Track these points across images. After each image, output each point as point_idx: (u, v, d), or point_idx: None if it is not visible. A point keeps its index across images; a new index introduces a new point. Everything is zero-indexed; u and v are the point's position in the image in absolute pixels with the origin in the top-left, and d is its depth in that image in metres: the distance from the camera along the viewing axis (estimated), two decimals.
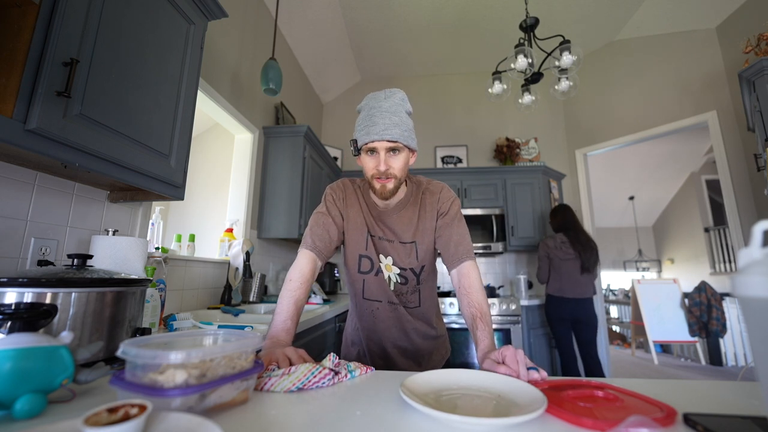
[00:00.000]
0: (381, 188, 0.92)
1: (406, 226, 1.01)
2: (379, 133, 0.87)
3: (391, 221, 1.01)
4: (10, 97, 0.76)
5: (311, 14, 3.00)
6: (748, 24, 2.68)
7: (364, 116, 0.92)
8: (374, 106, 0.91)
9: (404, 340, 1.05)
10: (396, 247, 1.01)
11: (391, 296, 1.02)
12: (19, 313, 0.56)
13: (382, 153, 0.89)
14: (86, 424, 0.35)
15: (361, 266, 1.02)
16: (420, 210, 1.02)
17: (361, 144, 0.91)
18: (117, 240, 1.11)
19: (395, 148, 0.89)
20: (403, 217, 1.01)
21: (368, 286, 1.03)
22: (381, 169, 0.90)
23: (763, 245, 0.34)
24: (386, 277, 1.02)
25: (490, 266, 3.68)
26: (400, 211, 1.01)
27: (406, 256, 1.01)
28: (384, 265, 1.01)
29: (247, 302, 2.11)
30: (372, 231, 1.02)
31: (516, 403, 0.51)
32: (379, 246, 1.02)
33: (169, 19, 1.20)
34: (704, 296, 4.18)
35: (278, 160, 2.60)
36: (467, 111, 4.05)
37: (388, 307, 1.03)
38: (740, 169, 2.73)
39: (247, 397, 0.53)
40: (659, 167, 6.29)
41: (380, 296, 1.03)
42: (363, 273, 1.02)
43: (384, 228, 1.02)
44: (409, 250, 1.01)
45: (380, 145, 0.89)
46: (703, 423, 0.43)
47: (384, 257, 1.01)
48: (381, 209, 1.02)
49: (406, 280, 1.02)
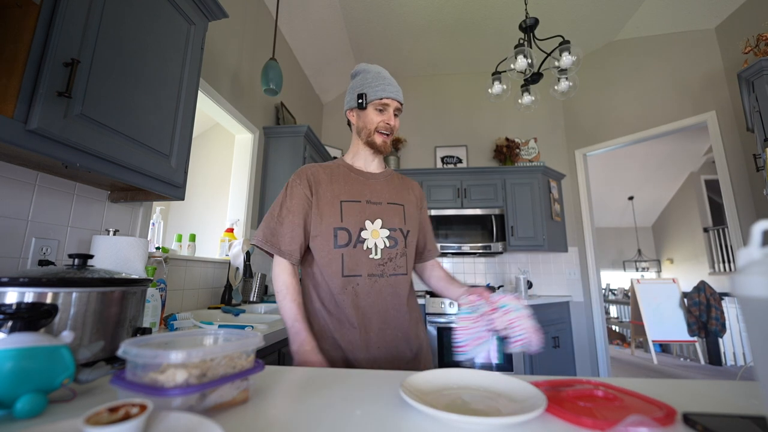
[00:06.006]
0: (383, 142, 1.02)
1: (394, 191, 1.08)
2: (395, 93, 1.00)
3: (380, 185, 1.07)
4: (11, 98, 0.76)
5: (311, 14, 3.00)
6: (747, 24, 2.68)
7: (374, 75, 1.02)
8: (379, 71, 1.03)
9: (388, 318, 0.97)
10: (385, 208, 1.03)
11: (372, 267, 0.96)
12: (19, 313, 0.56)
13: (391, 111, 1.01)
14: (87, 424, 0.35)
15: (337, 240, 0.96)
16: (404, 184, 1.13)
17: (374, 98, 1.00)
18: (118, 240, 1.11)
19: (400, 110, 1.03)
20: (390, 184, 1.09)
21: (347, 260, 0.96)
22: (390, 123, 1.01)
23: (762, 245, 0.34)
24: (369, 246, 0.97)
25: (490, 266, 3.68)
26: (386, 178, 1.10)
27: (394, 216, 1.03)
28: (371, 231, 0.98)
29: (248, 302, 2.11)
30: (353, 197, 1.00)
31: (516, 403, 0.51)
32: (367, 211, 1.00)
33: (169, 20, 1.21)
34: (703, 296, 4.18)
35: (278, 160, 2.60)
36: (467, 111, 4.05)
37: (368, 280, 0.96)
38: (739, 169, 2.73)
39: (247, 397, 0.53)
40: (659, 167, 6.30)
41: (359, 270, 0.96)
42: (340, 247, 0.96)
43: (372, 192, 1.04)
44: (398, 211, 1.05)
45: (393, 104, 1.01)
46: (702, 422, 0.43)
47: (371, 222, 0.99)
48: (367, 174, 1.07)
49: (395, 242, 1.00)
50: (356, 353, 0.94)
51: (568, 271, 3.60)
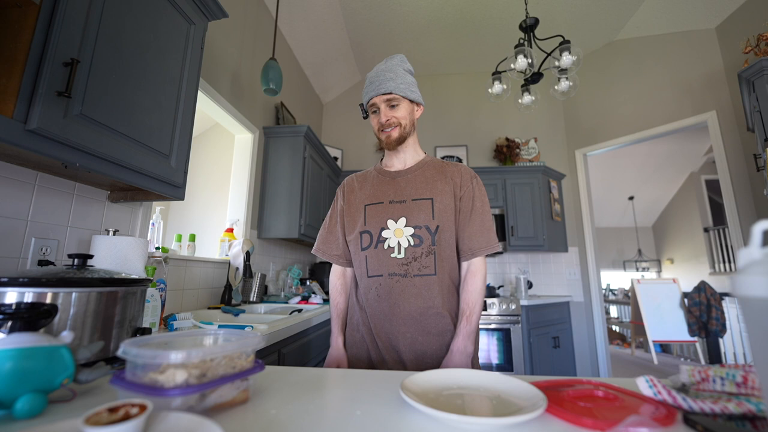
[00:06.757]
0: (386, 138, 1.02)
1: (423, 184, 1.03)
2: (376, 89, 1.00)
3: (405, 181, 1.05)
4: (11, 98, 0.76)
5: (311, 14, 3.00)
6: (747, 24, 2.68)
7: (368, 82, 1.04)
8: (374, 71, 1.04)
9: (411, 321, 0.94)
10: (409, 206, 1.00)
11: (394, 267, 0.96)
12: (19, 313, 0.56)
13: (381, 106, 1.01)
14: (87, 424, 0.35)
15: (362, 243, 1.03)
16: (440, 173, 1.05)
17: (366, 105, 1.04)
18: (117, 240, 1.11)
19: (392, 99, 1.00)
20: (421, 176, 1.05)
21: (370, 261, 1.00)
22: (382, 120, 1.01)
23: (762, 245, 0.34)
24: (391, 245, 0.97)
25: (490, 266, 3.68)
26: (417, 171, 1.06)
27: (420, 212, 0.98)
28: (393, 231, 0.98)
29: (248, 302, 2.11)
30: (377, 199, 1.04)
31: (516, 403, 0.51)
32: (390, 210, 1.00)
33: (169, 20, 1.21)
34: (704, 296, 4.17)
35: (278, 160, 2.60)
36: (467, 111, 4.05)
37: (389, 280, 0.96)
38: (740, 169, 2.73)
39: (247, 397, 0.53)
40: (659, 167, 6.30)
41: (381, 270, 0.98)
42: (365, 249, 1.02)
43: (397, 190, 1.03)
44: (425, 207, 0.99)
45: (378, 100, 1.01)
46: (702, 423, 0.43)
47: (393, 221, 0.99)
48: (395, 172, 1.07)
49: (420, 240, 0.96)
50: (379, 353, 0.97)
51: (568, 271, 3.60)
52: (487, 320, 2.81)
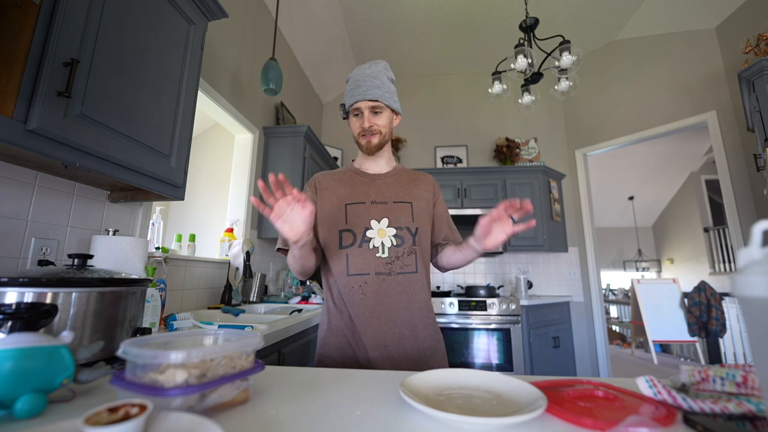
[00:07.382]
0: (367, 143, 1.04)
1: (401, 188, 1.08)
2: (362, 94, 1.01)
3: (385, 184, 1.08)
4: (11, 97, 0.76)
5: (311, 14, 3.00)
6: (747, 24, 2.68)
7: (352, 82, 1.05)
8: (359, 73, 1.05)
9: (396, 317, 0.98)
10: (390, 207, 1.04)
11: (379, 266, 0.99)
12: (19, 313, 0.56)
13: (366, 112, 1.02)
14: (87, 424, 0.35)
15: (342, 241, 1.01)
16: (414, 181, 1.12)
17: (348, 106, 1.05)
18: (117, 240, 1.11)
19: (377, 107, 1.02)
20: (398, 181, 1.10)
21: (352, 260, 0.99)
22: (365, 126, 1.02)
23: (762, 245, 0.34)
24: (375, 245, 1.00)
25: (490, 266, 3.68)
26: (394, 176, 1.11)
27: (401, 214, 1.04)
28: (377, 231, 1.01)
29: (248, 302, 2.11)
30: (358, 199, 1.05)
31: (516, 403, 0.51)
32: (372, 211, 1.03)
33: (169, 20, 1.21)
34: (704, 296, 4.17)
35: (278, 160, 2.60)
36: (467, 111, 4.04)
37: (375, 279, 0.98)
38: (740, 169, 2.73)
39: (247, 397, 0.53)
40: (659, 167, 6.30)
41: (367, 268, 0.98)
42: (345, 247, 1.01)
43: (378, 191, 1.06)
44: (405, 209, 1.05)
45: (363, 105, 1.02)
46: (702, 423, 0.43)
47: (377, 222, 1.02)
48: (373, 175, 1.10)
49: (402, 240, 1.01)
50: (365, 352, 0.96)
51: (568, 271, 3.60)
52: (487, 320, 2.81)
